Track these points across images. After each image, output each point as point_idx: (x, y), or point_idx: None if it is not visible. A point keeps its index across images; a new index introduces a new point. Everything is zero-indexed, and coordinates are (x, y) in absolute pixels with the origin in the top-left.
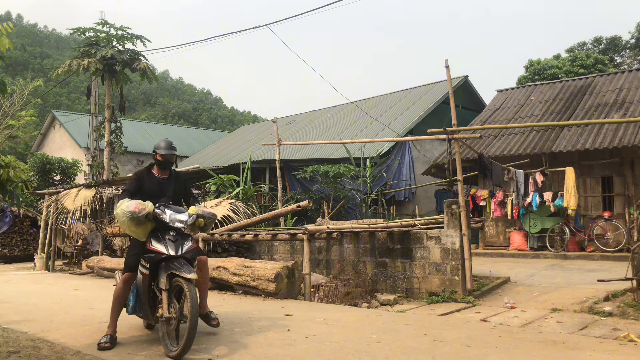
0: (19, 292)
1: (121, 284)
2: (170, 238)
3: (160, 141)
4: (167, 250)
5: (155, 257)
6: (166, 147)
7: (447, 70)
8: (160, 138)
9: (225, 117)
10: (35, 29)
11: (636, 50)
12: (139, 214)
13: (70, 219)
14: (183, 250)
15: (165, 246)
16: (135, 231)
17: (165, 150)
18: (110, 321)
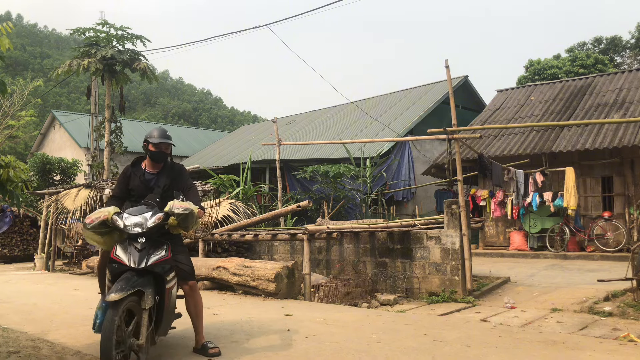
0: (19, 292)
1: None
2: (137, 246)
3: (152, 130)
4: (129, 261)
5: (117, 268)
6: (160, 135)
7: (447, 70)
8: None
9: (225, 117)
10: (35, 29)
11: (636, 50)
12: (89, 225)
13: (70, 219)
14: (149, 261)
15: (128, 255)
16: (100, 241)
17: (158, 139)
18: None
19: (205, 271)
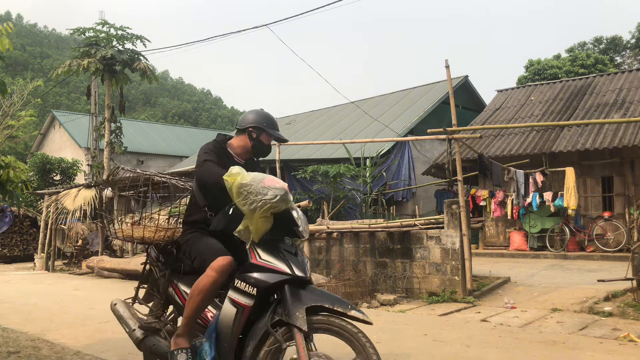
0: (19, 292)
1: (214, 273)
2: (288, 249)
3: (264, 114)
4: (292, 269)
5: (270, 279)
6: (277, 128)
7: (447, 70)
8: (158, 138)
9: (225, 117)
10: (35, 29)
11: (636, 50)
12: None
13: (70, 219)
14: (308, 270)
15: (286, 262)
16: (259, 227)
17: (277, 133)
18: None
19: None
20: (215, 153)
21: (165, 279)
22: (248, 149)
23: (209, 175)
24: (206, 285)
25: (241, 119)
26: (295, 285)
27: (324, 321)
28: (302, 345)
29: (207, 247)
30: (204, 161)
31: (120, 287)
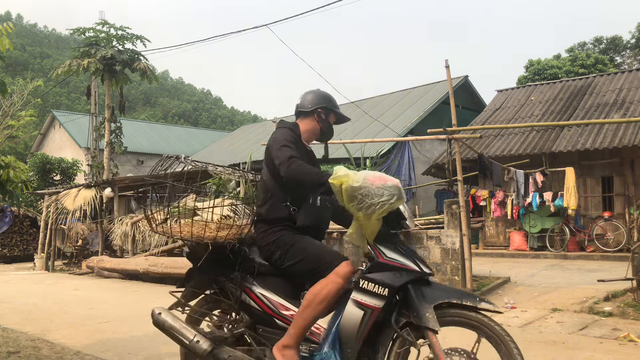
0: (19, 292)
1: (340, 279)
2: (401, 247)
3: (324, 91)
4: (418, 266)
5: (401, 277)
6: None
7: (447, 70)
8: (158, 138)
9: (225, 117)
10: (35, 29)
11: (636, 50)
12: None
13: (70, 219)
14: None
15: (410, 258)
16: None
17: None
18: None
19: None
20: (295, 144)
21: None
22: (316, 133)
23: (307, 176)
24: (331, 292)
25: (303, 101)
26: (416, 282)
27: (456, 314)
28: (439, 346)
29: (321, 249)
30: (290, 157)
31: (121, 287)
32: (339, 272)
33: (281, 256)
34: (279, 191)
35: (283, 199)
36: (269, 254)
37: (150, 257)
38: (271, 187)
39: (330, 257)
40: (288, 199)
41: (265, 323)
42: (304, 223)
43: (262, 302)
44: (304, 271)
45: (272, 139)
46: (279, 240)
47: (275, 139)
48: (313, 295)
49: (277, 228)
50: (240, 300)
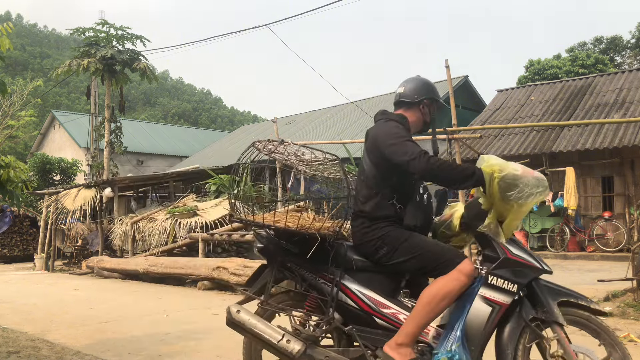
0: (19, 292)
1: (464, 277)
2: (519, 244)
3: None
4: (540, 263)
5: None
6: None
7: (447, 70)
8: (158, 138)
9: (225, 117)
10: (35, 29)
11: (636, 50)
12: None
13: (70, 219)
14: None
15: (531, 255)
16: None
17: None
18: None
19: (205, 271)
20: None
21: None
22: (419, 125)
23: (449, 169)
24: (455, 289)
25: (407, 90)
26: (537, 279)
27: (572, 312)
28: (567, 341)
29: (439, 246)
30: (423, 152)
31: (121, 287)
32: (463, 270)
33: (389, 252)
34: (386, 188)
35: (390, 197)
36: (373, 250)
37: (150, 257)
38: (376, 184)
39: (451, 255)
40: (395, 197)
41: (362, 322)
42: (414, 223)
43: (360, 300)
44: (416, 268)
45: (380, 132)
46: (386, 236)
47: (388, 132)
48: (435, 292)
49: (383, 224)
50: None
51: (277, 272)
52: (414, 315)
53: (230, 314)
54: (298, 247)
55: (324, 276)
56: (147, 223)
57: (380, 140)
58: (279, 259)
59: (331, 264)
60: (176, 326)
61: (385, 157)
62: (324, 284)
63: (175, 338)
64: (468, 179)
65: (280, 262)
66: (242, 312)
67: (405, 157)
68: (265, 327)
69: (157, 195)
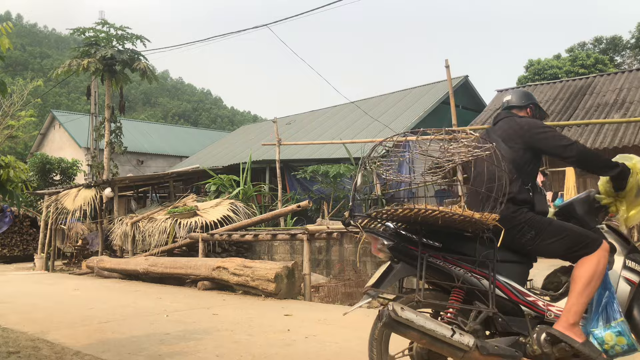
0: (18, 292)
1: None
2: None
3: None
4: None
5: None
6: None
7: (447, 70)
8: (158, 138)
9: (225, 117)
10: (35, 28)
11: (636, 50)
12: None
13: (70, 219)
14: None
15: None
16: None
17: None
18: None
19: (205, 271)
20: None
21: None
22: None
23: (597, 158)
24: (604, 267)
25: (516, 98)
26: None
27: None
28: None
29: (579, 228)
30: (575, 141)
31: (121, 287)
32: (606, 249)
33: (536, 235)
34: (525, 174)
35: (526, 182)
36: (519, 235)
37: (150, 257)
38: (516, 169)
39: (593, 235)
40: (529, 182)
41: (508, 311)
42: (544, 209)
43: (508, 290)
44: (562, 248)
45: (524, 122)
46: (532, 219)
47: (534, 123)
48: (593, 271)
49: (525, 209)
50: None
51: (410, 268)
52: (578, 294)
53: (394, 312)
54: (441, 242)
55: (475, 269)
56: (147, 223)
57: (526, 129)
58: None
59: (480, 256)
60: (176, 326)
61: (533, 144)
62: (474, 277)
63: (175, 338)
64: (614, 168)
65: (411, 257)
66: (407, 310)
67: (562, 142)
68: (435, 323)
69: (157, 195)
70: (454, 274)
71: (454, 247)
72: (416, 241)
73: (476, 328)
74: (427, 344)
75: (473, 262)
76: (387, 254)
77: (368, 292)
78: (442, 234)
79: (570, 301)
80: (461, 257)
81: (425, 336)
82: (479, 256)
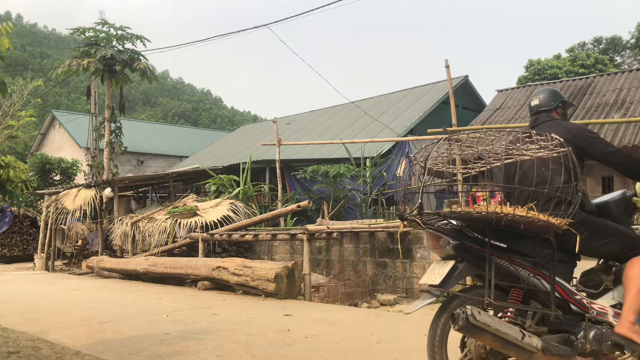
0: (19, 292)
1: None
2: None
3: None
4: None
5: None
6: None
7: (447, 70)
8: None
9: (225, 117)
10: (35, 28)
11: (636, 50)
12: None
13: (70, 219)
14: None
15: None
16: None
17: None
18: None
19: (205, 271)
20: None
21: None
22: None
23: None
24: None
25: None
26: None
27: None
28: None
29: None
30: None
31: (121, 287)
32: None
33: (590, 236)
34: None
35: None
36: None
37: (150, 257)
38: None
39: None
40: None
41: (560, 310)
42: (592, 208)
43: (561, 289)
44: (615, 250)
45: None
46: (587, 220)
47: (581, 128)
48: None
49: (579, 209)
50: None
51: (474, 268)
52: (635, 294)
53: (473, 316)
54: (506, 242)
55: (536, 270)
56: (147, 223)
57: (574, 134)
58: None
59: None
60: (176, 326)
61: (584, 148)
62: (535, 277)
63: (175, 338)
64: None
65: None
66: (483, 314)
67: (609, 148)
68: (507, 327)
69: (157, 195)
70: (520, 276)
71: (516, 247)
72: (482, 240)
73: (537, 328)
74: (498, 347)
75: (533, 263)
76: (450, 252)
77: (432, 291)
78: (503, 233)
79: (628, 303)
80: (524, 258)
81: (497, 339)
82: (538, 256)
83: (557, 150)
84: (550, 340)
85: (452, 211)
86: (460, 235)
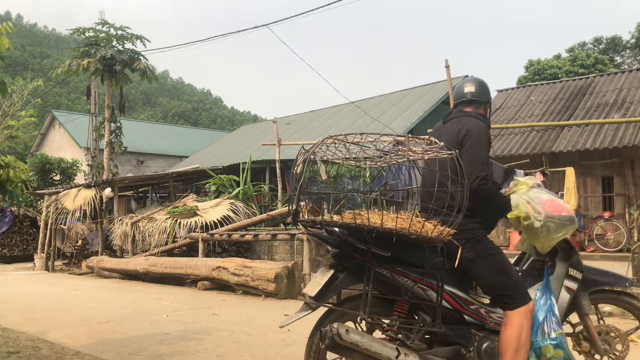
0: (18, 292)
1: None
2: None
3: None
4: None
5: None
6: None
7: (447, 70)
8: (158, 138)
9: (225, 117)
10: (35, 28)
11: (636, 50)
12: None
13: (70, 219)
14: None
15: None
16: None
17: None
18: None
19: (205, 271)
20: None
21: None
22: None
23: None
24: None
25: (479, 90)
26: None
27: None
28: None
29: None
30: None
31: (121, 287)
32: (530, 309)
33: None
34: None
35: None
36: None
37: (150, 257)
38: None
39: (525, 290)
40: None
41: (450, 321)
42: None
43: (452, 299)
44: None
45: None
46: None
47: (481, 135)
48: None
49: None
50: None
51: (355, 279)
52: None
53: (339, 335)
54: (390, 251)
55: (423, 280)
56: (147, 223)
57: (471, 137)
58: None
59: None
60: (176, 326)
61: (461, 153)
62: (422, 288)
63: (175, 338)
64: (503, 213)
65: (357, 267)
66: (352, 332)
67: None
68: (381, 344)
69: (157, 195)
70: (402, 287)
71: (401, 255)
72: (363, 249)
73: (419, 345)
74: None
75: (421, 272)
76: (331, 261)
77: (308, 303)
78: (391, 241)
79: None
80: (409, 268)
81: (369, 358)
82: (427, 266)
83: (445, 153)
84: (437, 354)
85: (327, 220)
86: (342, 243)
